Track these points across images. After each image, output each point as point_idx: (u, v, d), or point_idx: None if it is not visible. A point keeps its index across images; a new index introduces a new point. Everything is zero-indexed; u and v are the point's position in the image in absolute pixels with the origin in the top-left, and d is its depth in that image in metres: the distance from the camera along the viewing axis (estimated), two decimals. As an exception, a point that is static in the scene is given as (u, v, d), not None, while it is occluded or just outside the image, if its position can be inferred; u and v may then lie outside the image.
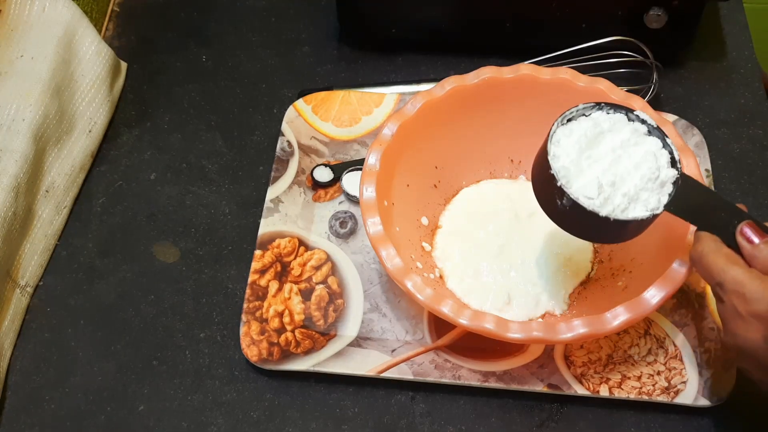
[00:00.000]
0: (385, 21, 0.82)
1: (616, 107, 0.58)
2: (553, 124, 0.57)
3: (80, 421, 0.63)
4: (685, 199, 0.55)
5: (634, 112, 0.57)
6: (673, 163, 0.56)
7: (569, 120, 0.58)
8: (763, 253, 0.52)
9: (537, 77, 0.68)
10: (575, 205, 0.55)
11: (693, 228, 0.59)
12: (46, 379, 0.65)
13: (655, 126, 0.57)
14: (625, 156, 0.56)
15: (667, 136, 0.57)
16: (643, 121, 0.57)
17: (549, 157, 0.55)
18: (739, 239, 0.53)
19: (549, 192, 0.56)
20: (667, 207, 0.55)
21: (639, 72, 0.78)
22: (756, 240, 0.52)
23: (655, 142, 0.57)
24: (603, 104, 0.58)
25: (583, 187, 0.55)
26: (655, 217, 0.55)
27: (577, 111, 0.58)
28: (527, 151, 0.60)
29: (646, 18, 0.76)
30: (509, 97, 0.69)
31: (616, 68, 0.77)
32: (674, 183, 0.56)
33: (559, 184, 0.55)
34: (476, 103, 0.69)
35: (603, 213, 0.54)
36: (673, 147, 0.57)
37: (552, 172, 0.55)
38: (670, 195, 0.55)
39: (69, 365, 0.65)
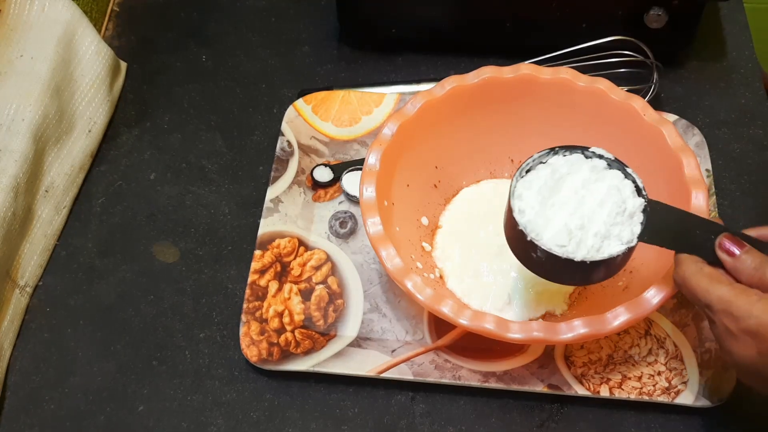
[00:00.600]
0: (385, 21, 0.82)
1: (571, 148, 0.58)
2: (512, 179, 0.57)
3: (80, 421, 0.63)
4: (659, 224, 0.55)
5: (590, 149, 0.58)
6: (638, 191, 0.56)
7: (528, 171, 0.58)
8: (746, 264, 0.51)
9: (537, 77, 0.68)
10: (550, 256, 0.55)
11: None
12: (46, 379, 0.65)
13: (613, 159, 0.57)
14: (588, 195, 0.56)
15: (627, 166, 0.57)
16: (601, 156, 0.57)
17: (514, 214, 0.56)
18: (720, 254, 0.52)
19: (522, 247, 0.57)
20: (641, 237, 0.55)
21: (639, 72, 0.78)
22: (737, 251, 0.51)
23: (616, 174, 0.57)
24: (558, 148, 0.58)
25: (553, 236, 0.55)
26: (631, 250, 0.55)
27: (534, 161, 0.58)
28: (527, 151, 0.59)
29: (646, 18, 0.76)
30: (509, 97, 0.69)
31: (616, 68, 0.77)
32: (643, 211, 0.55)
33: (529, 239, 0.55)
34: (476, 103, 0.69)
35: (578, 258, 0.54)
36: (634, 175, 0.57)
37: (520, 228, 0.56)
38: (642, 224, 0.55)
39: (69, 365, 0.65)
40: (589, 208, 0.56)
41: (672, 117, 0.74)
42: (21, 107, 0.70)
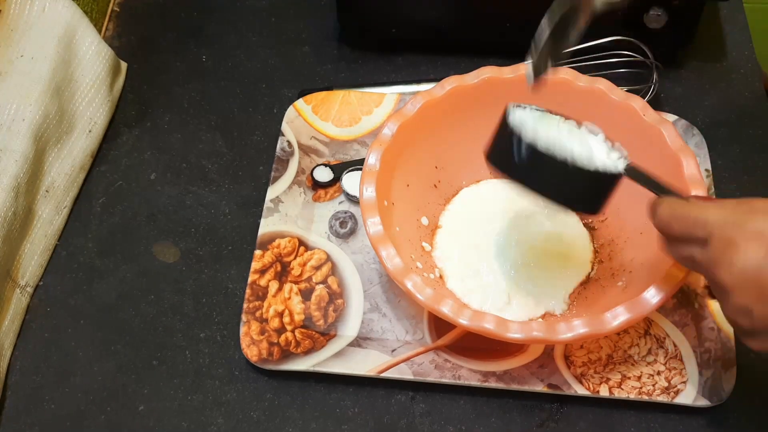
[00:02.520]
0: (385, 21, 0.82)
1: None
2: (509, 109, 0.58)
3: (80, 421, 0.63)
4: (638, 175, 0.56)
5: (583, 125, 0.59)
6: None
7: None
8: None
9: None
10: (533, 153, 0.55)
11: None
12: (46, 379, 0.65)
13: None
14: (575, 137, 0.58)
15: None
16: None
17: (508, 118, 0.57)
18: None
19: (505, 149, 0.57)
20: (628, 169, 0.55)
21: (639, 72, 0.78)
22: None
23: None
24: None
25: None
26: (618, 176, 0.55)
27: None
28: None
29: (646, 18, 0.76)
30: (509, 97, 0.69)
31: (616, 68, 0.77)
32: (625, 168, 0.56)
33: (514, 131, 0.56)
34: (476, 103, 0.69)
35: (561, 158, 0.54)
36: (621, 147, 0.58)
37: (509, 122, 0.57)
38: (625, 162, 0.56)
39: (69, 365, 0.65)
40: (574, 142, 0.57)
41: (672, 117, 0.74)
42: (21, 107, 0.70)
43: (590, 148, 0.57)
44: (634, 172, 0.56)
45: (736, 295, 0.49)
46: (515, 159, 0.56)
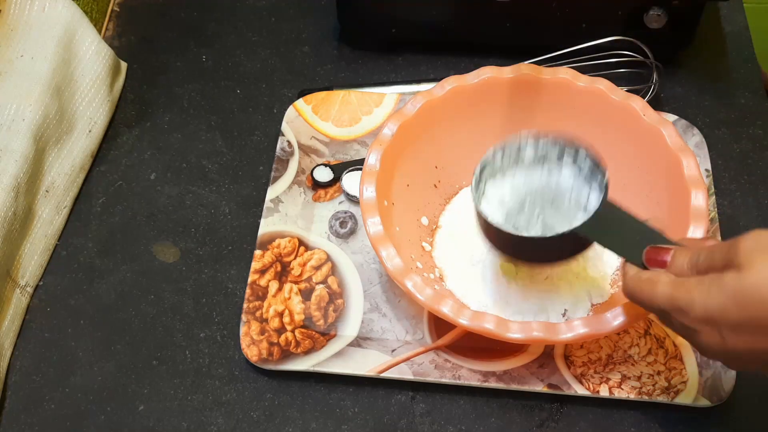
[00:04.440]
0: (385, 21, 0.82)
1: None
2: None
3: (80, 421, 0.63)
4: (609, 225, 0.55)
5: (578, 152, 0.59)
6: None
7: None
8: (680, 264, 0.50)
9: (537, 77, 0.68)
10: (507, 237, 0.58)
11: (690, 227, 0.59)
12: (46, 379, 0.65)
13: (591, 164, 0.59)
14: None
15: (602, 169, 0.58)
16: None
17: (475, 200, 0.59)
18: (652, 269, 0.52)
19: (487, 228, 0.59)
20: (581, 228, 0.55)
21: (639, 72, 0.78)
22: (666, 258, 0.51)
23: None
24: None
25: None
26: (567, 235, 0.55)
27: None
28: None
29: (646, 18, 0.76)
30: (509, 97, 0.69)
31: (616, 68, 0.77)
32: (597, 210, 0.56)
33: (478, 208, 0.58)
34: (476, 103, 0.69)
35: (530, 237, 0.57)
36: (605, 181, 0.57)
37: (479, 210, 0.59)
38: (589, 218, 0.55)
39: (69, 365, 0.65)
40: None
41: (672, 117, 0.74)
42: (21, 107, 0.70)
43: (563, 200, 0.59)
44: (595, 228, 0.55)
45: (719, 360, 0.51)
46: (488, 226, 0.59)
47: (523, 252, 0.60)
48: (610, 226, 0.55)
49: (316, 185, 0.73)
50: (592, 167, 0.58)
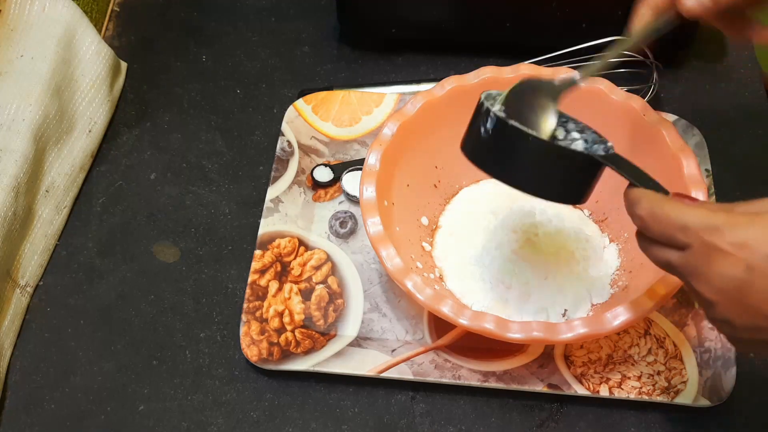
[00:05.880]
0: (385, 21, 0.82)
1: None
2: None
3: (80, 421, 0.63)
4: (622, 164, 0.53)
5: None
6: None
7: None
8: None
9: (537, 77, 0.68)
10: (500, 127, 0.52)
11: None
12: (46, 379, 0.65)
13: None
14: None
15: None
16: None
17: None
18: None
19: (478, 137, 0.54)
20: (608, 156, 0.52)
21: (639, 72, 0.78)
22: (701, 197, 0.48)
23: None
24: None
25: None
26: (598, 163, 0.52)
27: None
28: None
29: (646, 18, 0.76)
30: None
31: (616, 68, 0.77)
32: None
33: (485, 107, 0.53)
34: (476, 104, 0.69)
35: (530, 133, 0.52)
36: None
37: (481, 99, 0.54)
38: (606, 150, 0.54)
39: (69, 365, 0.65)
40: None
41: (672, 117, 0.74)
42: (21, 107, 0.70)
43: (568, 132, 0.56)
44: (614, 159, 0.53)
45: (717, 309, 0.46)
46: (482, 135, 0.53)
47: (515, 169, 0.54)
48: (630, 169, 0.53)
49: (316, 185, 0.73)
50: (596, 139, 0.57)
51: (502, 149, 0.54)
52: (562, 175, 0.54)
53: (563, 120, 0.58)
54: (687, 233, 0.47)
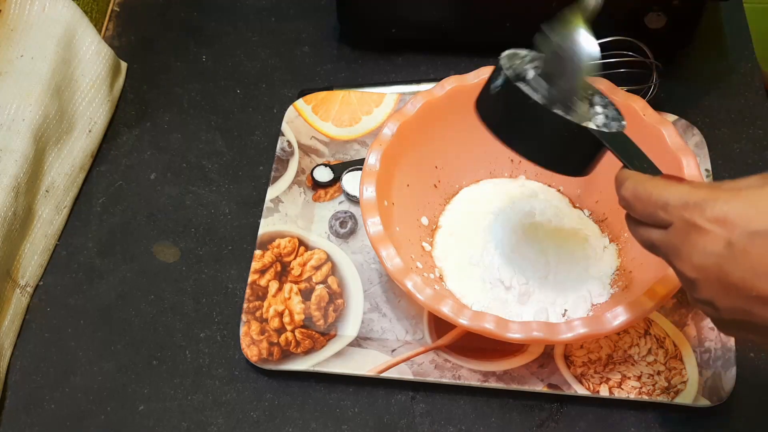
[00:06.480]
0: (385, 21, 0.82)
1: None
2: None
3: (80, 421, 0.63)
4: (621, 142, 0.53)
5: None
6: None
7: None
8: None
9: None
10: (509, 92, 0.52)
11: None
12: (46, 379, 0.65)
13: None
14: None
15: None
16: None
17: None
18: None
19: (490, 98, 0.55)
20: (605, 134, 0.52)
21: (639, 72, 0.78)
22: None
23: None
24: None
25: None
26: (591, 133, 0.52)
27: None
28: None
29: (646, 18, 0.76)
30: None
31: (616, 68, 0.77)
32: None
33: (499, 64, 0.53)
34: (476, 103, 0.69)
35: (536, 99, 0.51)
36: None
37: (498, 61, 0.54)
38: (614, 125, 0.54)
39: (69, 365, 0.65)
40: None
41: (672, 117, 0.74)
42: (21, 107, 0.70)
43: (593, 105, 0.55)
44: (609, 136, 0.52)
45: (698, 288, 0.45)
46: (491, 92, 0.53)
47: (517, 132, 0.54)
48: (627, 149, 0.52)
49: (316, 185, 0.73)
50: (615, 116, 0.56)
51: (507, 110, 0.54)
52: (560, 144, 0.54)
53: (590, 92, 0.58)
54: (668, 210, 0.46)
